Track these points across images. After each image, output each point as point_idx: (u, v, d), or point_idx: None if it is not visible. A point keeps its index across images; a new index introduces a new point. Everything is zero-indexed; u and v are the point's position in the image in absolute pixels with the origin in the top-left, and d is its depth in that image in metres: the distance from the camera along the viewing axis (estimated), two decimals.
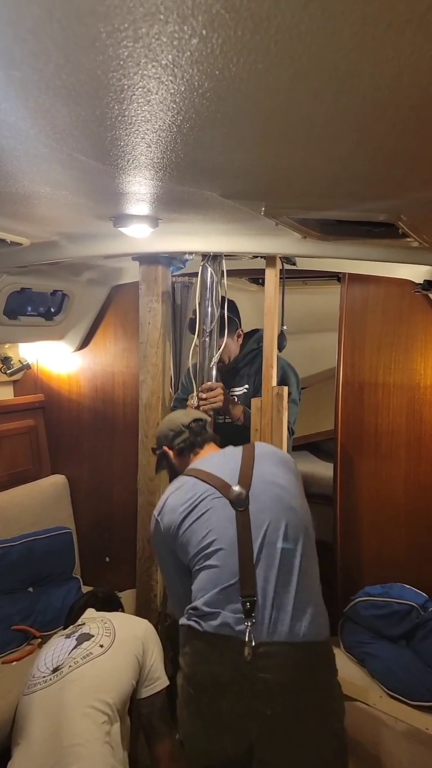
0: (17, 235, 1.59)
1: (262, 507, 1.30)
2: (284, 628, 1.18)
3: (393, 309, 2.08)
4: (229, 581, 1.22)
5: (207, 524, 1.30)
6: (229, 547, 1.25)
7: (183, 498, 1.36)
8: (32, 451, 2.59)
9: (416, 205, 1.14)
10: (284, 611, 1.19)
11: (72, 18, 0.53)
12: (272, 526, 1.27)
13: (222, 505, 1.31)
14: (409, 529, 2.11)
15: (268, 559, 1.24)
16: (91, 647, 1.47)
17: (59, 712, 1.31)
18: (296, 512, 1.33)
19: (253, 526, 1.27)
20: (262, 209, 1.22)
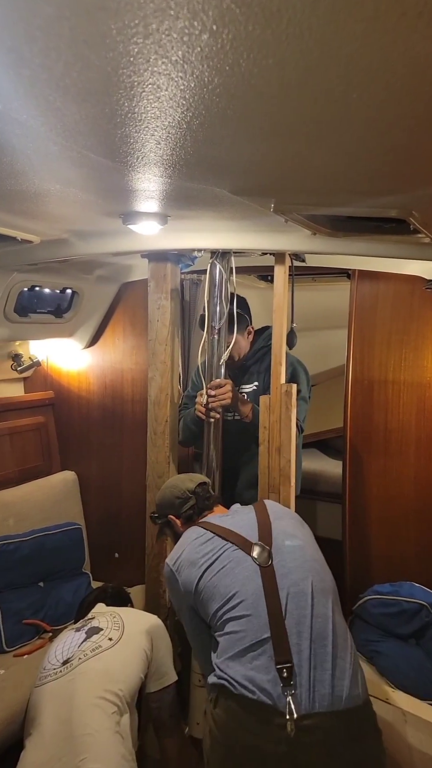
0: (28, 232, 1.60)
1: (287, 562, 1.26)
2: (325, 691, 1.11)
3: (403, 306, 2.06)
4: (260, 641, 1.16)
5: (230, 578, 1.25)
6: (256, 604, 1.19)
7: (202, 551, 1.32)
8: (42, 447, 2.61)
9: (428, 201, 1.13)
10: (323, 670, 1.13)
11: (82, 15, 0.53)
12: (300, 580, 1.23)
13: (244, 560, 1.26)
14: (419, 527, 2.09)
15: (299, 615, 1.18)
16: (100, 640, 1.49)
17: (70, 703, 1.32)
18: (321, 566, 1.31)
19: (279, 580, 1.22)
20: (272, 205, 1.21)
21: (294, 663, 1.13)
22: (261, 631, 1.17)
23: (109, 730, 1.27)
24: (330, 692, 1.11)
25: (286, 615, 1.18)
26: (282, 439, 1.80)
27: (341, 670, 1.14)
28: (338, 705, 1.11)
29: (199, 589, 1.29)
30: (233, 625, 1.21)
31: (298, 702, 1.10)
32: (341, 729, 1.10)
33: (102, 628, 1.54)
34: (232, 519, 1.43)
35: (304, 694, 1.11)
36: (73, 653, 1.46)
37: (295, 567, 1.26)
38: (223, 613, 1.24)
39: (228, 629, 1.21)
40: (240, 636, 1.19)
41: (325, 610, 1.21)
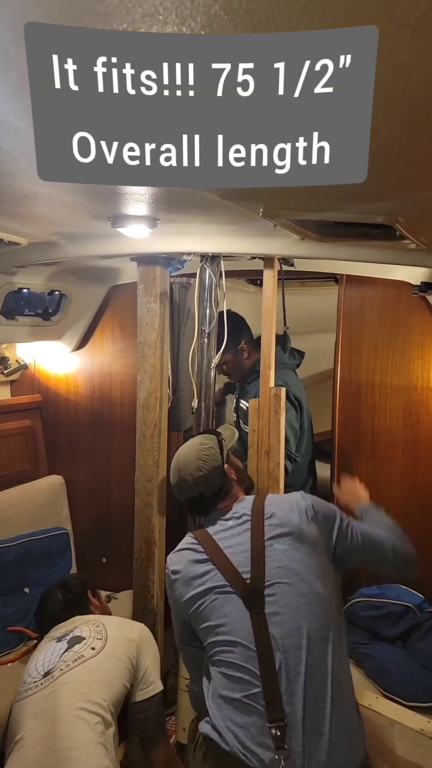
0: (15, 234, 1.59)
1: (280, 606, 1.16)
2: (321, 758, 1.04)
3: (390, 310, 2.09)
4: (252, 694, 1.10)
5: (221, 614, 1.19)
6: (247, 654, 1.13)
7: (197, 573, 1.26)
8: (29, 451, 2.58)
9: (413, 207, 1.14)
10: (319, 735, 1.06)
11: (70, 18, 0.53)
12: (293, 630, 1.13)
13: (235, 600, 1.19)
14: (406, 529, 2.10)
15: (292, 674, 1.10)
16: (82, 650, 1.46)
17: (52, 715, 1.30)
18: (321, 601, 1.18)
19: (271, 628, 1.13)
20: (261, 210, 1.22)
21: (287, 723, 1.06)
22: (252, 684, 1.11)
23: (92, 742, 1.25)
24: (326, 760, 1.05)
25: (279, 671, 1.11)
26: (271, 443, 1.81)
27: (339, 734, 1.07)
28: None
29: (192, 613, 1.26)
30: (226, 665, 1.16)
31: (292, 767, 1.04)
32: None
33: (84, 638, 1.51)
34: (228, 538, 1.31)
35: (298, 760, 1.04)
36: (55, 664, 1.43)
37: (289, 613, 1.15)
38: (214, 645, 1.19)
39: (221, 667, 1.17)
40: (232, 681, 1.14)
41: (323, 665, 1.12)
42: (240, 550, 1.26)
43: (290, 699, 1.08)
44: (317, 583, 1.20)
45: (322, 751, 1.05)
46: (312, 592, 1.19)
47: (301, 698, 1.08)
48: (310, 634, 1.14)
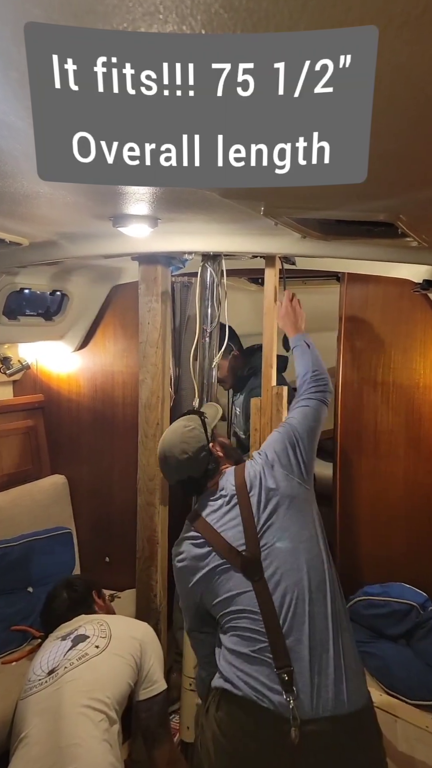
0: (16, 234, 1.59)
1: (277, 566, 1.24)
2: (329, 695, 1.11)
3: (392, 308, 2.08)
4: (259, 648, 1.18)
5: (225, 588, 1.26)
6: (253, 615, 1.21)
7: (198, 557, 1.33)
8: (32, 451, 2.59)
9: (415, 205, 1.14)
10: (325, 675, 1.13)
11: (70, 18, 0.53)
12: (294, 584, 1.22)
13: (234, 574, 1.27)
14: (409, 528, 2.11)
15: (296, 623, 1.18)
16: (86, 648, 1.47)
17: (56, 712, 1.31)
18: (315, 554, 1.26)
19: (272, 590, 1.21)
20: (262, 209, 1.22)
21: (294, 669, 1.13)
22: (259, 640, 1.18)
23: (96, 739, 1.26)
24: (333, 697, 1.11)
25: (284, 624, 1.18)
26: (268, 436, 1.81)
27: (343, 673, 1.14)
28: (341, 709, 1.11)
29: (203, 595, 1.32)
30: (234, 630, 1.23)
31: (301, 707, 1.10)
32: (345, 734, 1.11)
33: (88, 636, 1.52)
34: (220, 517, 1.36)
35: (307, 699, 1.11)
36: (59, 662, 1.44)
37: (287, 572, 1.23)
38: (224, 617, 1.26)
39: (230, 632, 1.24)
40: (242, 641, 1.20)
41: (324, 610, 1.19)
42: (232, 526, 1.32)
43: (296, 646, 1.15)
44: (305, 532, 1.29)
45: (329, 690, 1.12)
46: (303, 543, 1.27)
47: (306, 645, 1.15)
48: (309, 582, 1.22)
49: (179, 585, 1.41)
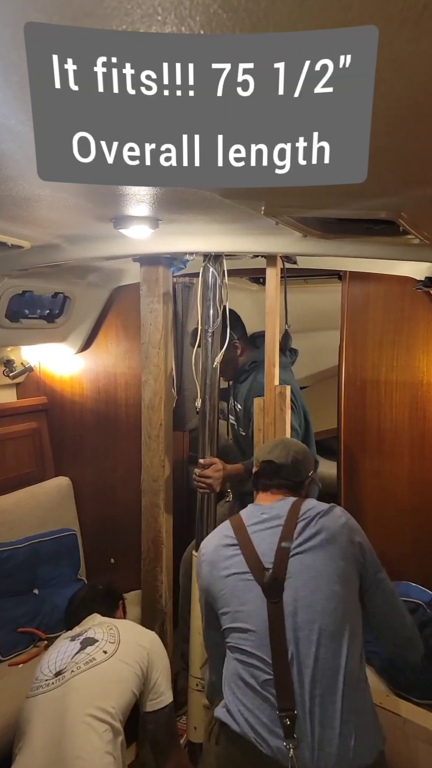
0: (18, 238, 1.60)
1: (297, 598, 1.17)
2: (331, 750, 1.05)
3: (394, 306, 2.08)
4: (265, 681, 1.12)
5: (240, 600, 1.22)
6: (262, 641, 1.16)
7: (224, 556, 1.29)
8: (36, 453, 2.59)
9: (417, 203, 1.14)
10: (330, 728, 1.07)
11: (69, 21, 0.53)
12: (306, 623, 1.15)
13: (254, 588, 1.21)
14: (414, 526, 2.10)
15: (302, 664, 1.12)
16: (94, 652, 1.46)
17: (61, 719, 1.30)
18: (337, 603, 1.18)
19: (286, 619, 1.16)
20: (262, 208, 1.22)
21: (298, 712, 1.08)
22: (264, 671, 1.14)
23: (99, 751, 1.25)
24: (336, 752, 1.06)
25: (292, 660, 1.13)
26: None
27: (350, 729, 1.08)
28: (344, 765, 1.06)
29: (215, 595, 1.28)
30: (240, 652, 1.19)
31: (301, 757, 1.05)
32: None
33: (97, 640, 1.51)
34: (260, 531, 1.31)
35: (307, 751, 1.06)
36: (66, 665, 1.44)
37: (304, 606, 1.17)
38: (231, 631, 1.22)
39: (236, 653, 1.20)
40: (246, 666, 1.17)
41: (334, 661, 1.13)
42: (268, 542, 1.28)
43: (300, 689, 1.10)
44: (337, 583, 1.21)
45: (333, 744, 1.07)
46: (330, 590, 1.20)
47: (308, 690, 1.10)
48: (322, 628, 1.15)
49: (199, 579, 1.38)
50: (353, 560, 1.26)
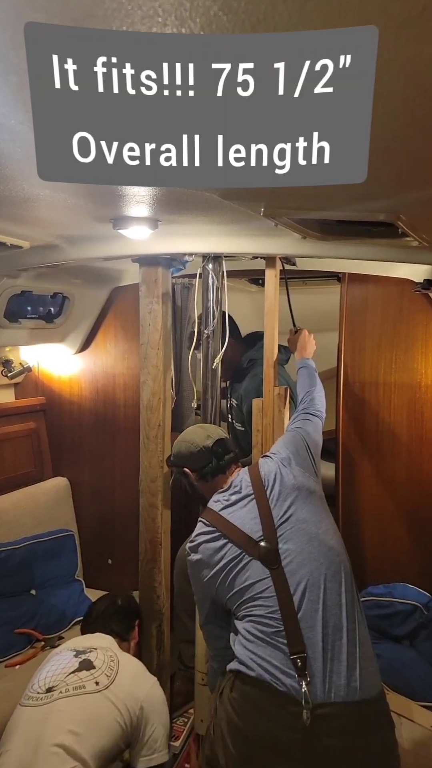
0: (17, 238, 1.60)
1: (294, 557, 1.27)
2: (341, 681, 1.14)
3: (393, 308, 2.08)
4: (275, 632, 1.20)
5: (242, 579, 1.28)
6: (270, 602, 1.23)
7: (213, 550, 1.35)
8: (34, 453, 2.59)
9: (415, 205, 1.14)
10: (339, 662, 1.16)
11: (69, 22, 0.53)
12: (309, 573, 1.25)
13: (252, 563, 1.29)
14: (412, 528, 2.11)
15: (311, 610, 1.21)
16: (87, 679, 1.41)
17: (36, 742, 1.27)
18: (329, 545, 1.30)
19: (289, 578, 1.24)
20: (262, 210, 1.22)
21: (308, 654, 1.16)
22: (274, 626, 1.21)
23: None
24: (345, 683, 1.14)
25: (299, 610, 1.21)
26: (275, 442, 1.81)
27: (357, 661, 1.17)
28: (353, 696, 1.13)
29: (218, 588, 1.33)
30: (250, 617, 1.25)
31: (313, 691, 1.13)
32: (357, 719, 1.13)
33: (95, 666, 1.46)
34: (235, 511, 1.39)
35: (319, 684, 1.14)
36: (59, 682, 1.40)
37: (304, 561, 1.26)
38: (241, 606, 1.28)
39: (246, 619, 1.26)
40: (257, 625, 1.23)
41: (338, 599, 1.22)
42: (250, 519, 1.35)
43: (311, 633, 1.18)
44: (322, 520, 1.34)
45: (342, 676, 1.14)
46: (320, 535, 1.31)
47: (320, 631, 1.18)
48: (324, 571, 1.25)
49: (194, 579, 1.42)
50: (313, 476, 1.45)
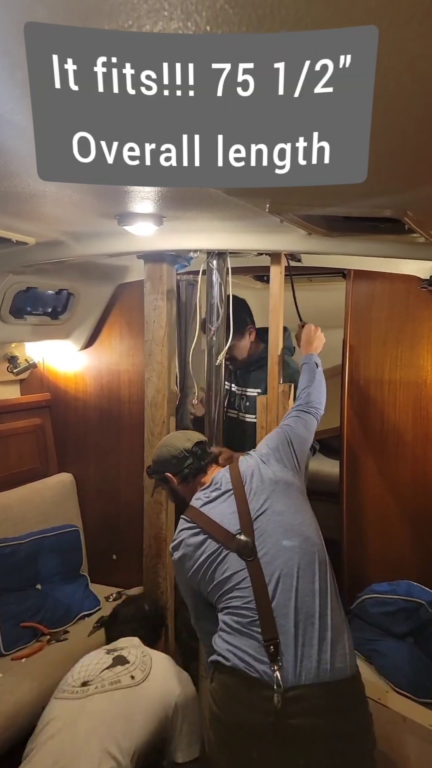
0: (23, 234, 1.60)
1: (270, 550, 1.30)
2: (312, 664, 1.17)
3: (399, 305, 2.07)
4: (249, 622, 1.23)
5: (220, 572, 1.31)
6: (245, 593, 1.26)
7: (195, 545, 1.38)
8: (39, 449, 2.60)
9: (422, 201, 1.13)
10: (310, 646, 1.19)
11: (76, 17, 0.53)
12: (283, 564, 1.27)
13: (230, 556, 1.32)
14: (416, 526, 2.10)
15: (284, 599, 1.24)
16: (122, 674, 1.44)
17: (72, 736, 1.29)
18: (305, 536, 1.32)
19: (264, 569, 1.27)
20: (267, 206, 1.22)
21: (280, 641, 1.19)
22: (248, 616, 1.24)
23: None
24: (316, 666, 1.17)
25: (273, 599, 1.24)
26: None
27: (327, 644, 1.20)
28: (324, 677, 1.16)
29: (200, 581, 1.36)
30: (229, 608, 1.29)
31: (285, 676, 1.16)
32: (326, 700, 1.16)
33: (129, 662, 1.49)
34: (215, 507, 1.43)
35: (291, 668, 1.17)
36: (94, 677, 1.43)
37: (278, 552, 1.30)
38: (221, 599, 1.32)
39: (225, 611, 1.30)
40: (233, 617, 1.27)
41: (311, 587, 1.26)
42: (228, 513, 1.38)
43: (284, 621, 1.21)
44: (298, 516, 1.37)
45: (312, 659, 1.17)
46: (296, 526, 1.34)
47: (292, 618, 1.21)
48: (298, 561, 1.28)
49: (178, 576, 1.46)
50: (292, 470, 1.47)
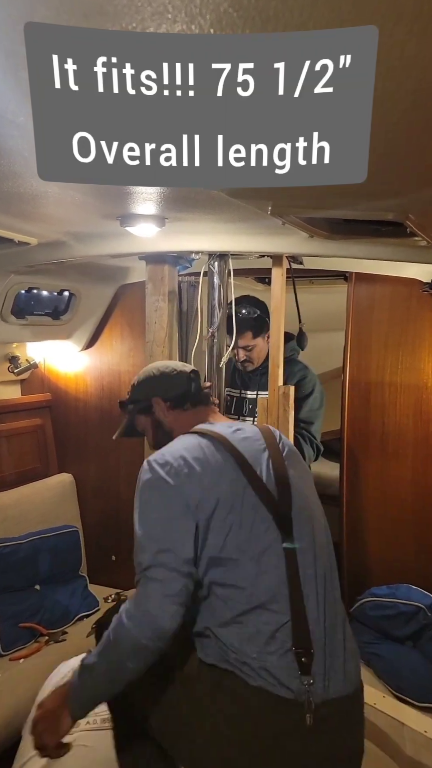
0: (25, 234, 1.60)
1: (303, 535, 1.09)
2: (338, 677, 1.04)
3: (400, 308, 2.07)
4: (279, 625, 1.02)
5: (245, 536, 1.05)
6: (275, 579, 1.04)
7: (213, 466, 1.05)
8: (39, 449, 2.60)
9: (424, 204, 1.13)
10: (336, 657, 1.05)
11: (80, 18, 0.53)
12: (314, 560, 1.09)
13: (267, 520, 1.05)
14: (416, 529, 2.09)
15: (315, 601, 1.06)
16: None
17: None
18: (328, 536, 1.17)
19: (300, 567, 1.06)
20: (269, 208, 1.22)
21: (314, 650, 1.02)
22: (281, 620, 1.02)
23: None
24: (342, 678, 1.04)
25: (306, 600, 1.04)
26: None
27: (349, 654, 1.09)
28: (349, 689, 1.05)
29: (215, 511, 1.05)
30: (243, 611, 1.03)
31: (315, 692, 1.00)
32: (352, 712, 1.07)
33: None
34: (239, 433, 1.12)
35: (320, 683, 1.01)
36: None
37: (310, 544, 1.10)
38: (229, 568, 1.05)
39: (229, 593, 1.04)
40: (262, 619, 1.03)
41: (335, 593, 1.11)
42: (260, 459, 1.11)
43: (315, 627, 1.04)
44: (317, 511, 1.17)
45: (339, 671, 1.04)
46: (320, 523, 1.15)
47: (322, 625, 1.05)
48: (324, 563, 1.11)
49: (159, 492, 1.11)
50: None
